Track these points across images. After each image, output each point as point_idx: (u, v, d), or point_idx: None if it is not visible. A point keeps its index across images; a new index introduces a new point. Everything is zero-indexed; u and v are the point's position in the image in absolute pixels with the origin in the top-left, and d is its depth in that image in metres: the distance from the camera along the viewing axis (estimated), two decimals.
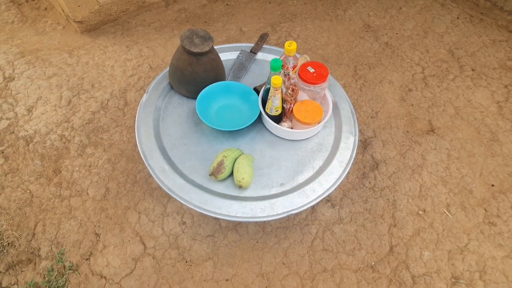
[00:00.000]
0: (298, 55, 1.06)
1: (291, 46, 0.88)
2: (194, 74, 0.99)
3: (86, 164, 1.25)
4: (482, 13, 2.12)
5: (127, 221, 1.10)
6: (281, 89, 0.88)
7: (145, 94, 1.04)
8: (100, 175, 1.21)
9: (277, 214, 0.81)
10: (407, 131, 1.43)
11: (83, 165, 1.24)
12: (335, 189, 0.87)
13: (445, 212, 1.14)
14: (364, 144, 1.37)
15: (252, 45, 1.23)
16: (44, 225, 1.14)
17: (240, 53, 1.20)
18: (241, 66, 1.17)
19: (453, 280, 0.99)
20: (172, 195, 0.83)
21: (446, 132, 1.42)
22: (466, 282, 0.98)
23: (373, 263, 1.02)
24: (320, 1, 2.15)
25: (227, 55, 1.20)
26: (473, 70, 1.72)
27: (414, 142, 1.37)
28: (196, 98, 0.98)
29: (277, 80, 0.83)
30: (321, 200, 1.15)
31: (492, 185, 1.22)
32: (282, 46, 1.82)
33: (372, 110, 1.51)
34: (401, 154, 1.33)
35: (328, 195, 0.86)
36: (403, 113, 1.51)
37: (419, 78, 1.68)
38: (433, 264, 1.02)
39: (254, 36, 1.85)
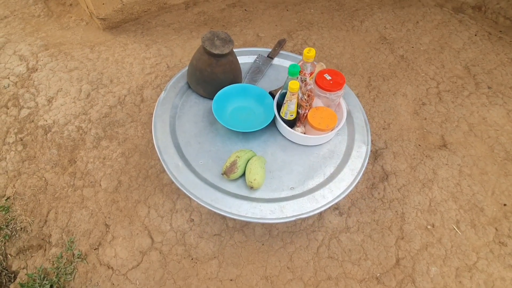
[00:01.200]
0: (315, 63, 1.07)
1: (310, 52, 0.90)
2: (213, 74, 1.01)
3: (101, 156, 1.28)
4: (501, 31, 2.10)
5: (136, 214, 1.12)
6: (298, 94, 0.90)
7: (163, 91, 1.07)
8: (113, 168, 1.24)
9: (286, 217, 0.82)
10: (419, 145, 1.42)
11: (97, 157, 1.28)
12: (345, 196, 0.87)
13: (454, 229, 1.13)
14: (375, 155, 1.37)
15: (269, 50, 1.25)
16: (56, 213, 1.16)
17: (257, 57, 1.22)
18: (257, 70, 1.19)
19: None
20: (184, 191, 0.85)
21: (458, 148, 1.40)
22: None
23: (379, 274, 1.01)
24: (337, 12, 2.17)
25: (245, 59, 1.22)
26: (489, 87, 1.71)
27: (426, 156, 1.37)
28: (212, 99, 1.00)
29: (294, 85, 0.85)
30: (329, 207, 1.15)
31: (505, 205, 1.20)
32: (298, 53, 1.84)
33: (385, 122, 1.50)
34: (412, 167, 1.32)
35: (336, 203, 0.86)
36: (415, 126, 1.50)
37: (433, 92, 1.67)
38: (440, 280, 1.01)
39: (270, 42, 1.88)
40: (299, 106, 0.93)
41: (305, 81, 0.92)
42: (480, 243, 1.10)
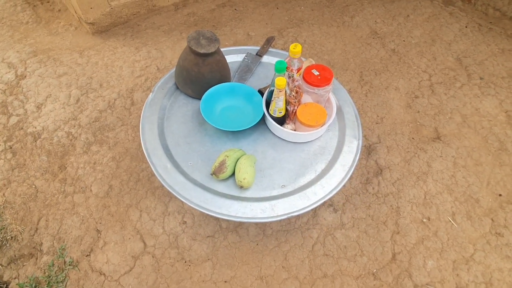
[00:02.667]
0: (303, 59, 1.06)
1: (296, 48, 0.89)
2: (200, 74, 1.00)
3: (91, 161, 1.26)
4: (491, 22, 2.10)
5: (128, 218, 1.10)
6: (285, 91, 0.88)
7: (151, 93, 1.06)
8: (104, 173, 1.22)
9: (278, 216, 0.81)
10: (413, 138, 1.41)
11: (88, 162, 1.26)
12: (337, 192, 0.86)
13: (450, 221, 1.12)
14: (368, 150, 1.36)
15: (258, 48, 1.24)
16: (47, 220, 1.15)
17: (246, 56, 1.21)
18: (246, 68, 1.17)
19: None
20: (173, 193, 0.83)
21: (452, 140, 1.40)
22: None
23: (375, 270, 1.00)
24: (328, 8, 2.16)
25: (233, 57, 1.21)
26: (481, 78, 1.70)
27: (420, 149, 1.36)
28: (201, 99, 0.99)
29: (281, 81, 0.83)
30: (323, 204, 1.14)
31: (500, 195, 1.19)
32: (288, 50, 1.83)
33: (377, 116, 1.50)
34: (406, 161, 1.31)
35: (330, 200, 0.85)
36: (408, 119, 1.49)
37: (425, 85, 1.67)
38: (437, 273, 0.99)
39: (261, 41, 1.87)
40: (287, 103, 0.92)
41: (292, 77, 0.91)
42: (476, 234, 1.09)
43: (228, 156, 0.86)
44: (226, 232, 1.06)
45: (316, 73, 0.93)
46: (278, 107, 0.91)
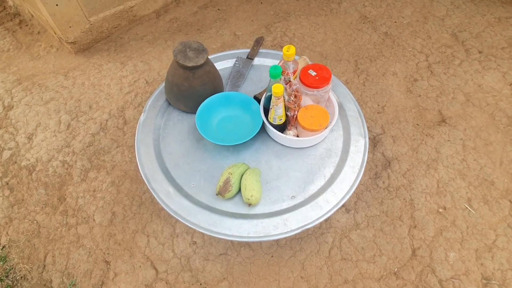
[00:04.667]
0: (296, 57, 1.01)
1: (289, 50, 0.83)
2: (191, 88, 0.95)
3: (90, 189, 1.22)
4: None
5: (136, 245, 1.07)
6: (283, 97, 0.84)
7: (142, 113, 1.01)
8: (105, 200, 1.18)
9: (291, 230, 0.77)
10: (417, 124, 1.36)
11: (87, 190, 1.22)
12: (349, 197, 0.82)
13: (467, 208, 1.08)
14: (373, 142, 1.32)
15: (248, 50, 1.19)
16: (53, 256, 1.11)
17: (236, 61, 1.16)
18: (238, 74, 1.12)
19: (484, 281, 0.93)
20: (179, 219, 0.79)
21: (458, 122, 1.35)
22: (499, 283, 0.92)
23: (396, 269, 0.97)
24: None
25: (223, 64, 1.16)
26: (480, 52, 1.65)
27: (426, 135, 1.31)
28: (195, 113, 0.94)
29: (278, 88, 0.78)
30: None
31: None
32: (278, 47, 1.77)
33: (378, 105, 1.45)
34: (414, 149, 1.27)
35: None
36: (411, 105, 1.45)
37: (423, 66, 1.62)
38: (460, 265, 0.96)
39: (249, 40, 1.80)
40: (287, 108, 0.87)
41: (289, 81, 0.86)
42: (496, 219, 1.05)
43: (231, 174, 0.81)
44: (238, 248, 1.03)
45: (313, 73, 0.88)
46: (278, 114, 0.86)
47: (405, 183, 1.16)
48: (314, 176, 0.87)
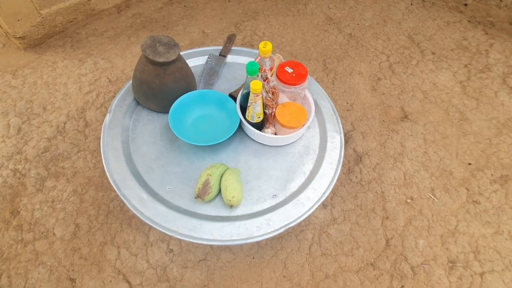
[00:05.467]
0: (273, 56, 1.00)
1: (266, 47, 0.82)
2: (163, 86, 0.89)
3: (48, 199, 1.09)
4: None
5: (105, 258, 0.98)
6: (262, 94, 0.82)
7: (108, 114, 0.93)
8: (66, 211, 1.07)
9: (275, 230, 0.75)
10: (383, 120, 1.44)
11: (44, 202, 1.09)
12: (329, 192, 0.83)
13: (431, 197, 1.16)
14: (345, 138, 1.36)
15: (220, 48, 1.15)
16: (9, 277, 0.97)
17: (208, 58, 1.12)
18: (211, 72, 1.09)
19: (450, 264, 1.00)
20: (155, 226, 0.74)
21: (418, 117, 1.45)
22: (463, 265, 1.00)
23: (373, 260, 1.01)
24: None
25: (195, 61, 1.12)
26: (433, 53, 1.79)
27: (391, 131, 1.39)
28: (167, 112, 0.88)
29: (256, 85, 0.77)
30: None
31: (469, 164, 1.27)
32: (250, 45, 1.76)
33: (347, 103, 1.50)
34: (381, 144, 1.33)
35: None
36: (376, 102, 1.52)
37: (385, 66, 1.71)
38: (429, 251, 1.03)
39: (218, 38, 1.77)
40: (265, 106, 0.86)
41: (266, 78, 0.85)
42: (456, 206, 1.14)
43: (211, 175, 0.78)
44: (218, 252, 0.99)
45: (290, 70, 0.88)
46: (256, 112, 0.84)
47: (376, 176, 1.21)
48: (294, 174, 0.87)
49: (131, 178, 0.81)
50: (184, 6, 1.97)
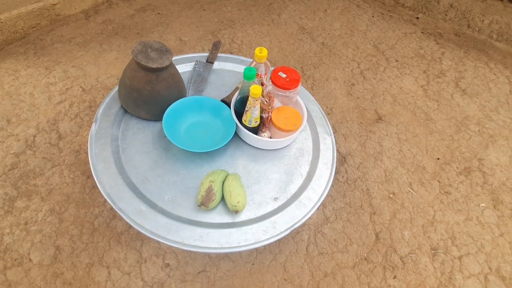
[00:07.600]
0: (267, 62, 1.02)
1: (262, 52, 0.84)
2: (155, 92, 0.86)
3: (20, 222, 0.98)
4: (389, 10, 2.44)
5: (93, 281, 0.89)
6: (260, 99, 0.83)
7: (94, 123, 0.87)
8: (43, 233, 0.96)
9: (281, 232, 0.76)
10: (361, 122, 1.53)
11: (15, 224, 0.97)
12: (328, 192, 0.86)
13: (410, 191, 1.26)
14: None
15: (202, 54, 1.15)
16: None
17: (196, 64, 1.11)
18: (200, 78, 1.07)
19: (432, 251, 1.09)
20: (159, 239, 0.70)
21: (391, 119, 1.57)
22: (443, 251, 1.09)
23: (366, 254, 1.05)
24: (254, 7, 2.17)
25: (182, 68, 1.10)
26: (396, 60, 1.96)
27: (369, 132, 1.48)
28: (158, 120, 0.86)
29: (256, 89, 0.78)
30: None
31: (438, 159, 1.40)
32: (229, 53, 1.77)
33: (327, 107, 1.57)
34: (362, 145, 1.41)
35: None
36: (353, 106, 1.62)
37: (357, 72, 1.83)
38: (414, 241, 1.11)
39: (196, 45, 1.75)
40: (261, 110, 0.87)
41: (262, 83, 0.87)
42: (431, 197, 1.25)
43: (213, 181, 0.76)
44: (217, 261, 0.96)
45: (284, 75, 0.90)
46: (254, 116, 0.85)
47: (360, 175, 1.28)
48: (292, 176, 0.89)
49: (126, 190, 0.77)
50: (158, 13, 1.93)
